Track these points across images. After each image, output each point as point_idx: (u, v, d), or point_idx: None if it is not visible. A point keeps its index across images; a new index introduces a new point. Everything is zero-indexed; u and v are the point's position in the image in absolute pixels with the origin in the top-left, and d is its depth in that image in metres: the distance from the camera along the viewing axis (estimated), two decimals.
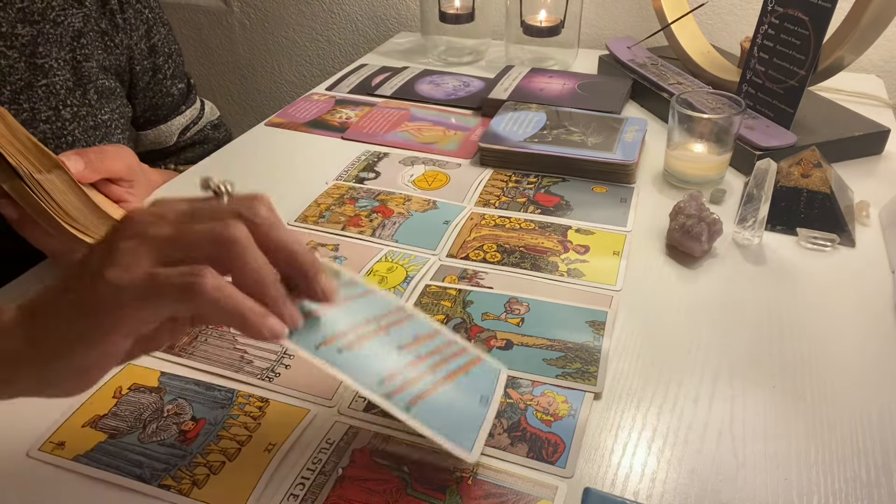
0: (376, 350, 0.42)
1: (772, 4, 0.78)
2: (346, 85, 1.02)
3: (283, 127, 0.89)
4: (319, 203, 0.71)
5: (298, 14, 1.42)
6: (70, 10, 0.71)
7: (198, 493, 0.42)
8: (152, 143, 0.87)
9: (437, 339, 0.46)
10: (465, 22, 1.08)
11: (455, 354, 0.46)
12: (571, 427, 0.46)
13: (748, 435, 0.46)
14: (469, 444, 0.41)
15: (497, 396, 0.46)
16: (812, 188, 0.66)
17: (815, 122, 0.81)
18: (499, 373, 0.48)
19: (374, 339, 0.43)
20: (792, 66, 0.77)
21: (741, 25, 1.12)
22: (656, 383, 0.50)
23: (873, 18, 0.74)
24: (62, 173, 0.53)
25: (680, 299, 0.58)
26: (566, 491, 0.42)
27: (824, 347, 0.53)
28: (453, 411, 0.42)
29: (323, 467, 0.43)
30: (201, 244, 0.36)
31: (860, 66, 1.06)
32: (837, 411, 0.48)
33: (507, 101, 0.88)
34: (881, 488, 0.42)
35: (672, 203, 0.66)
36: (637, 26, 1.17)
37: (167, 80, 0.84)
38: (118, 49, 0.76)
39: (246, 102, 1.58)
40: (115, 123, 0.76)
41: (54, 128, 0.69)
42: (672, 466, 0.44)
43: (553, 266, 0.62)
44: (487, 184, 0.75)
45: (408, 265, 0.62)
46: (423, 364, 0.43)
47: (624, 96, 0.92)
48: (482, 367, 0.47)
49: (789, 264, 0.63)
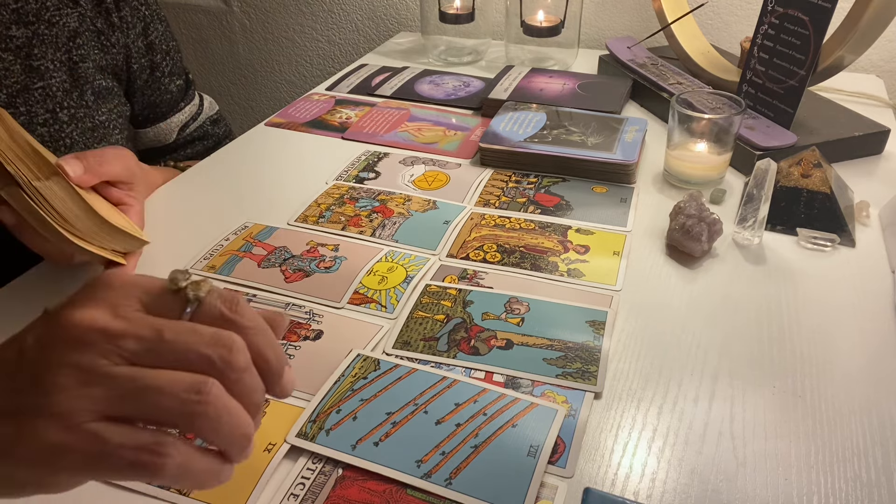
0: (413, 432, 0.44)
1: (772, 4, 0.78)
2: (346, 85, 1.02)
3: (283, 127, 0.89)
4: (319, 203, 0.71)
5: (298, 14, 1.42)
6: (65, 10, 0.70)
7: (198, 493, 0.42)
8: (152, 141, 0.87)
9: (482, 399, 0.47)
10: (465, 22, 1.08)
11: (502, 409, 0.46)
12: (571, 427, 0.46)
13: (748, 435, 0.46)
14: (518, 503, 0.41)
15: (550, 440, 0.44)
16: (812, 188, 0.66)
17: (815, 122, 0.81)
18: (555, 413, 0.46)
19: (410, 421, 0.45)
20: (792, 66, 0.77)
21: (741, 25, 1.12)
22: (656, 383, 0.50)
23: (873, 18, 0.74)
24: (61, 179, 0.53)
25: (680, 299, 0.58)
26: (566, 491, 0.42)
27: (824, 347, 0.53)
28: (498, 473, 0.42)
29: (323, 467, 0.43)
30: (163, 407, 0.28)
31: (860, 66, 1.06)
32: (837, 411, 0.48)
33: (507, 101, 0.88)
34: (881, 488, 0.42)
35: (672, 203, 0.66)
36: (637, 26, 1.17)
37: (165, 78, 0.84)
38: (115, 48, 0.76)
39: (246, 102, 1.58)
40: (114, 124, 0.76)
41: (52, 130, 0.69)
42: (672, 466, 0.44)
43: (553, 266, 0.62)
44: (487, 184, 0.75)
45: (408, 265, 0.62)
46: (462, 431, 0.45)
47: (624, 96, 0.92)
48: (535, 415, 0.46)
49: (789, 264, 0.63)
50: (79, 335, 0.29)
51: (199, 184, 0.77)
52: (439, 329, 0.54)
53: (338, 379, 0.49)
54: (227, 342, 0.30)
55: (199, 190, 0.76)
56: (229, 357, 0.30)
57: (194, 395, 0.28)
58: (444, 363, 0.51)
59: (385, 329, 0.55)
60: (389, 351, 0.52)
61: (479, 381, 0.49)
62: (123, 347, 0.29)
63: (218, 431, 0.30)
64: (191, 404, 0.28)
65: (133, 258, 0.61)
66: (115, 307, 0.30)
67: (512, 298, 0.57)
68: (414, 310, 0.56)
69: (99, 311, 0.30)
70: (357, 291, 0.58)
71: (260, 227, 0.68)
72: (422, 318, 0.55)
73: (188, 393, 0.28)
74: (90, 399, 0.28)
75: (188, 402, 0.28)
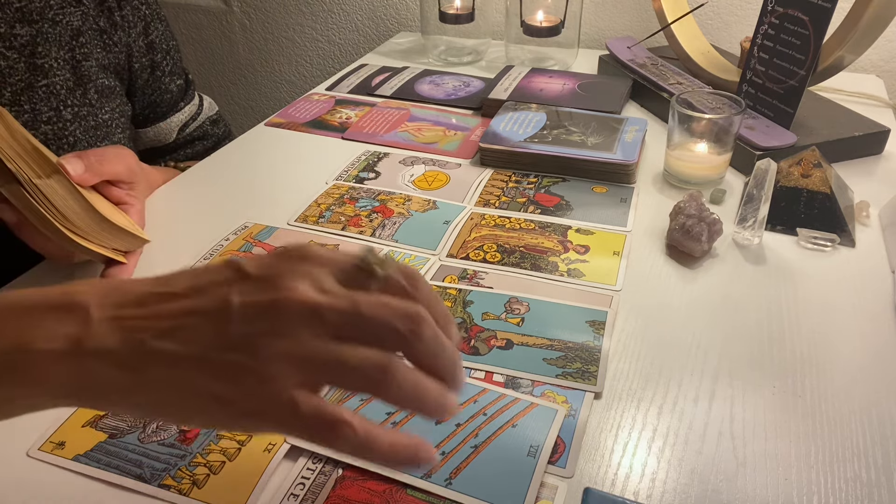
0: (413, 432, 0.44)
1: (772, 4, 0.78)
2: (346, 85, 1.02)
3: (283, 127, 0.89)
4: (319, 203, 0.71)
5: (298, 14, 1.42)
6: (68, 8, 0.71)
7: (198, 493, 0.42)
8: (152, 141, 0.87)
9: (482, 399, 0.47)
10: (465, 22, 1.08)
11: (502, 409, 0.46)
12: (571, 427, 0.46)
13: (748, 435, 0.46)
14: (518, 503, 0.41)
15: (550, 440, 0.44)
16: (812, 188, 0.66)
17: (815, 122, 0.81)
18: (555, 413, 0.46)
19: (410, 421, 0.45)
20: (792, 66, 0.77)
21: (741, 25, 1.12)
22: (656, 383, 0.50)
23: (873, 18, 0.74)
24: (61, 178, 0.53)
25: (680, 299, 0.58)
26: (566, 491, 0.42)
27: (824, 347, 0.53)
28: (498, 473, 0.42)
29: (323, 467, 0.43)
30: (352, 380, 0.32)
31: (860, 66, 1.06)
32: (837, 411, 0.48)
33: (507, 101, 0.88)
34: (881, 488, 0.42)
35: (672, 203, 0.66)
36: (637, 26, 1.17)
37: (166, 77, 0.84)
38: (117, 47, 0.76)
39: (246, 102, 1.58)
40: (116, 123, 0.76)
41: (55, 129, 0.69)
42: (672, 466, 0.44)
43: (553, 266, 0.62)
44: (487, 184, 0.75)
45: (408, 265, 0.62)
46: (462, 431, 0.44)
47: (624, 96, 0.92)
48: (535, 415, 0.46)
49: (789, 264, 0.63)
50: (294, 309, 0.32)
51: (199, 184, 0.77)
52: None
53: None
54: (415, 315, 0.33)
55: (199, 190, 0.76)
56: (419, 329, 0.33)
57: (380, 374, 0.31)
58: None
59: None
60: None
61: (479, 381, 0.49)
62: (326, 320, 0.32)
63: (402, 404, 0.33)
64: (376, 382, 0.32)
65: (133, 257, 0.61)
66: (319, 281, 0.33)
67: (512, 298, 0.57)
68: None
69: (308, 286, 0.32)
70: None
71: (260, 227, 0.68)
72: None
73: (374, 371, 0.31)
74: (295, 367, 0.31)
75: (374, 379, 0.32)
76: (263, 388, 0.31)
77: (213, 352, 0.31)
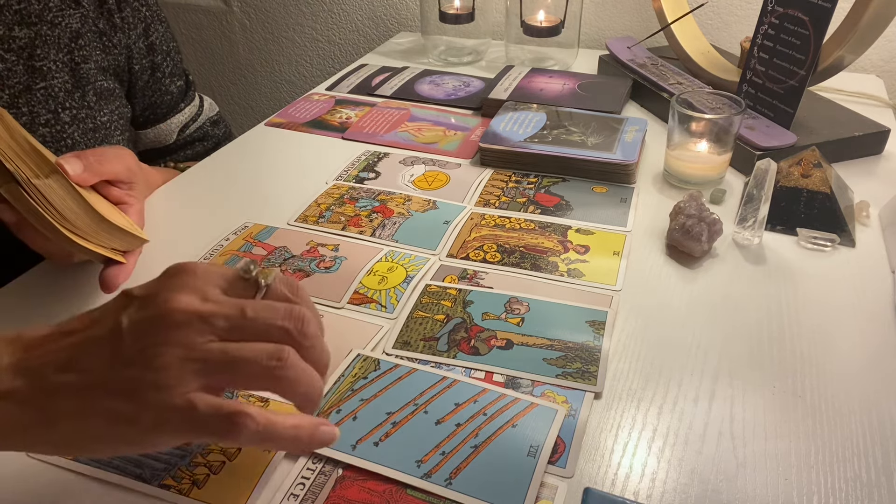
0: (413, 433, 0.44)
1: (772, 4, 0.78)
2: (346, 85, 1.02)
3: (283, 127, 0.89)
4: (319, 203, 0.71)
5: (298, 14, 1.42)
6: (67, 10, 0.70)
7: (198, 493, 0.42)
8: (152, 142, 0.87)
9: (482, 399, 0.47)
10: (465, 22, 1.08)
11: (502, 409, 0.46)
12: (571, 427, 0.46)
13: (748, 435, 0.46)
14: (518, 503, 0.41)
15: (550, 440, 0.44)
16: (812, 188, 0.66)
17: (815, 122, 0.81)
18: (555, 413, 0.46)
19: (410, 421, 0.45)
20: (792, 66, 0.77)
21: (741, 25, 1.12)
22: (656, 383, 0.50)
23: (873, 18, 0.74)
24: (60, 178, 0.53)
25: (680, 299, 0.58)
26: (566, 491, 0.42)
27: (824, 347, 0.53)
28: (498, 473, 0.42)
29: (323, 467, 0.43)
30: (250, 373, 0.34)
31: (860, 66, 1.06)
32: (837, 411, 0.48)
33: (507, 101, 0.88)
34: (881, 488, 0.42)
35: (672, 203, 0.66)
36: (637, 26, 1.17)
37: (166, 78, 0.84)
38: (116, 49, 0.76)
39: (246, 102, 1.58)
40: (115, 125, 0.76)
41: (53, 131, 0.69)
42: (672, 466, 0.44)
43: (553, 266, 0.62)
44: (487, 184, 0.75)
45: (408, 265, 0.62)
46: (462, 431, 0.45)
47: (624, 96, 0.92)
48: (535, 415, 0.46)
49: (789, 264, 0.63)
50: (179, 318, 0.33)
51: (199, 184, 0.77)
52: (439, 329, 0.54)
53: (338, 379, 0.49)
54: (299, 315, 0.36)
55: (199, 190, 0.76)
56: (303, 328, 0.36)
57: (276, 361, 0.34)
58: (444, 363, 0.51)
59: (385, 329, 0.55)
60: (389, 351, 0.52)
61: (479, 381, 0.49)
62: (215, 326, 0.34)
63: (296, 390, 0.35)
64: (273, 369, 0.34)
65: (133, 257, 0.61)
66: (202, 292, 0.35)
67: (512, 298, 0.57)
68: (414, 310, 0.56)
69: (191, 297, 0.34)
70: (357, 291, 0.58)
71: (260, 227, 0.68)
72: (422, 318, 0.55)
73: (270, 360, 0.34)
74: (192, 372, 0.33)
75: (270, 367, 0.34)
76: (161, 397, 0.32)
77: (111, 372, 0.33)
